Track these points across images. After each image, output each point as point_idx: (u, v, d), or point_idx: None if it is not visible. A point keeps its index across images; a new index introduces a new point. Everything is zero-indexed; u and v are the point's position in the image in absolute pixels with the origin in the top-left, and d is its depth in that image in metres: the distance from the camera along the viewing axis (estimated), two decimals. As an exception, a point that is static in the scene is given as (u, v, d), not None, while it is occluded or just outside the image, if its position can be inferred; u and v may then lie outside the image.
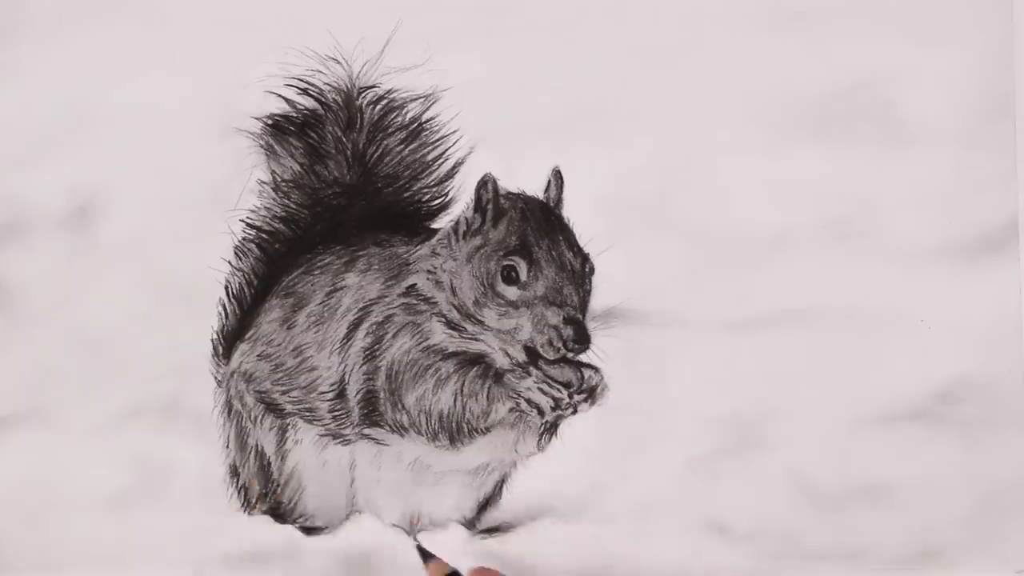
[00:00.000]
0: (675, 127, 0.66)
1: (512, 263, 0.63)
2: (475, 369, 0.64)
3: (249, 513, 0.67)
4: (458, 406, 0.64)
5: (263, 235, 0.67)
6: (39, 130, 0.67)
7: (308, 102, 0.66)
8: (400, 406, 0.65)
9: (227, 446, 0.67)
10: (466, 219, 0.64)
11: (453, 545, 0.66)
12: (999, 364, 0.66)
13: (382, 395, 0.65)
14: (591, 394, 0.64)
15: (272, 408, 0.66)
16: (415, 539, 0.60)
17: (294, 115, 0.67)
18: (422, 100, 0.67)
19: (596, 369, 0.64)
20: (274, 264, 0.67)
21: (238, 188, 0.67)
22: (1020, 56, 0.67)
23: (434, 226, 0.67)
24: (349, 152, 0.67)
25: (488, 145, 0.67)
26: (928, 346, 0.66)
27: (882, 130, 0.66)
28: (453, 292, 0.64)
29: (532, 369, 0.64)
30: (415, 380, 0.64)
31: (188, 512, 0.66)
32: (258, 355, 0.67)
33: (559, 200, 0.65)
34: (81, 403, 0.67)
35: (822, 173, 0.66)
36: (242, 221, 0.67)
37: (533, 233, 0.63)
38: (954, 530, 0.65)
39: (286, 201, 0.67)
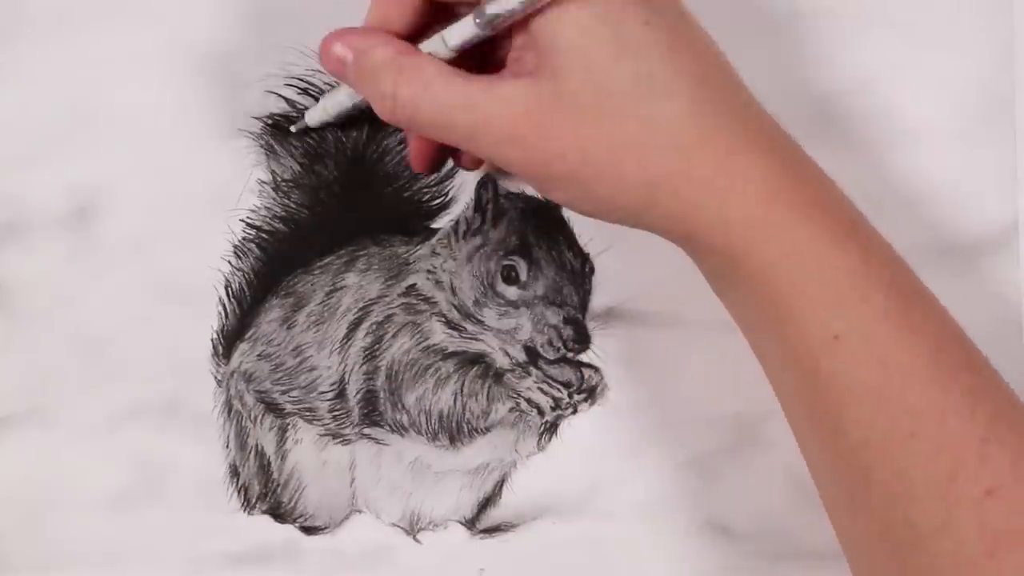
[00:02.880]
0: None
1: (512, 263, 0.63)
2: (475, 369, 0.64)
3: (249, 513, 0.67)
4: (458, 406, 0.64)
5: (263, 235, 0.67)
6: (39, 130, 0.67)
7: (308, 102, 0.67)
8: (400, 406, 0.65)
9: (227, 446, 0.67)
10: (466, 219, 0.64)
11: (453, 545, 0.66)
12: (999, 364, 0.66)
13: (382, 395, 0.65)
14: (591, 394, 0.64)
15: (272, 408, 0.66)
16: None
17: (294, 115, 0.67)
18: (422, 100, 0.67)
19: (596, 369, 0.64)
20: (274, 264, 0.67)
21: (238, 188, 0.67)
22: (1020, 57, 0.67)
23: (434, 226, 0.67)
24: (349, 152, 0.67)
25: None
26: (928, 346, 0.66)
27: (882, 130, 0.66)
28: (453, 292, 0.64)
29: (532, 369, 0.64)
30: (415, 380, 0.64)
31: (188, 512, 0.66)
32: (258, 355, 0.67)
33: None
34: (81, 403, 0.67)
35: (822, 173, 0.66)
36: (242, 221, 0.67)
37: (533, 233, 0.63)
38: (954, 530, 0.65)
39: (286, 201, 0.67)
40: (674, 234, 0.52)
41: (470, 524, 0.67)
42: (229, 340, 0.67)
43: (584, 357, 0.64)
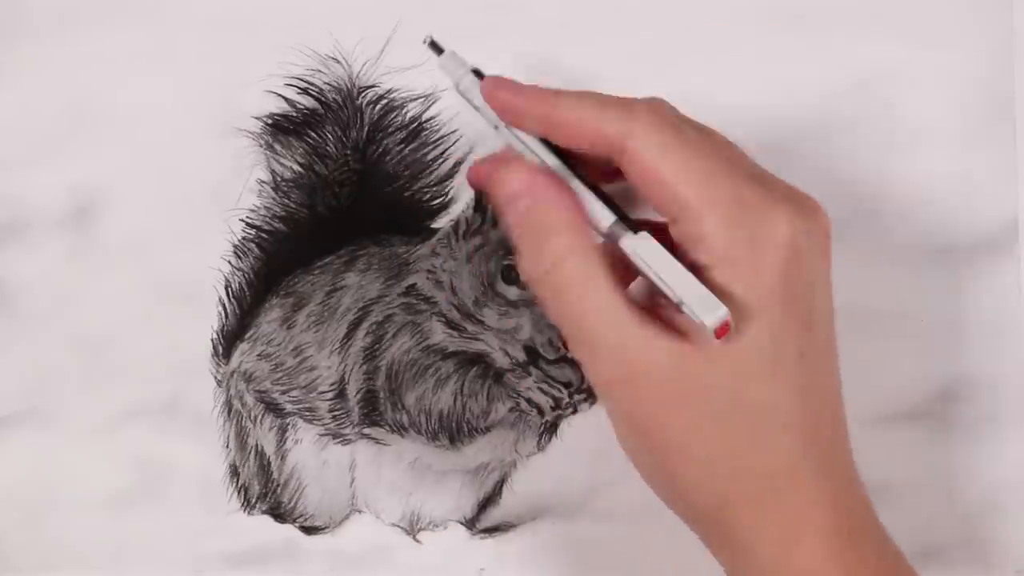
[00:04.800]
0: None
1: (512, 263, 0.63)
2: (475, 369, 0.64)
3: (249, 513, 0.67)
4: (458, 406, 0.64)
5: (263, 235, 0.67)
6: (39, 130, 0.67)
7: (308, 102, 0.67)
8: (400, 406, 0.65)
9: (227, 446, 0.67)
10: (466, 218, 0.64)
11: (453, 545, 0.66)
12: (999, 364, 0.66)
13: (382, 395, 0.65)
14: (591, 394, 0.64)
15: (272, 408, 0.66)
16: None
17: (294, 115, 0.67)
18: (422, 100, 0.67)
19: (596, 369, 0.64)
20: (274, 264, 0.67)
21: (238, 188, 0.67)
22: (1020, 56, 0.67)
23: (434, 226, 0.67)
24: (349, 152, 0.67)
25: (488, 145, 0.67)
26: (928, 346, 0.66)
27: (882, 130, 0.66)
28: (453, 292, 0.64)
29: (532, 369, 0.64)
30: (415, 380, 0.64)
31: (188, 512, 0.66)
32: (258, 355, 0.67)
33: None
34: (81, 403, 0.67)
35: (822, 173, 0.66)
36: (242, 221, 0.67)
37: (533, 233, 0.63)
38: (954, 530, 0.65)
39: (286, 201, 0.67)
40: (718, 554, 0.51)
41: (470, 524, 0.67)
42: (229, 340, 0.67)
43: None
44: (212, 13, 0.67)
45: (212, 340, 0.67)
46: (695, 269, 0.48)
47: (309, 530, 0.66)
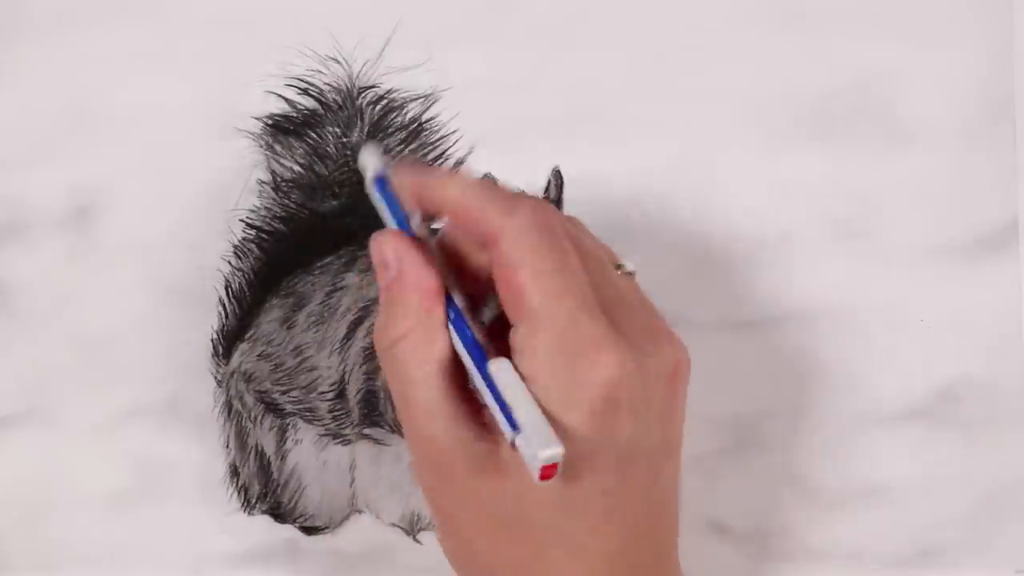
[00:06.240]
0: (675, 127, 0.66)
1: (512, 263, 0.63)
2: (475, 369, 0.64)
3: (249, 513, 0.67)
4: (458, 406, 0.64)
5: (263, 235, 0.67)
6: (39, 130, 0.67)
7: (308, 102, 0.67)
8: (400, 406, 0.64)
9: (227, 446, 0.67)
10: (466, 219, 0.64)
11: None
12: (999, 364, 0.66)
13: (382, 395, 0.65)
14: (591, 394, 0.64)
15: (272, 408, 0.66)
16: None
17: (294, 115, 0.67)
18: (422, 100, 0.67)
19: (596, 369, 0.64)
20: (274, 264, 0.67)
21: (238, 188, 0.67)
22: (1020, 56, 0.67)
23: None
24: (349, 152, 0.67)
25: (488, 145, 0.67)
26: (928, 346, 0.66)
27: (882, 130, 0.66)
28: (453, 292, 0.64)
29: (532, 369, 0.64)
30: (415, 380, 0.64)
31: (188, 512, 0.66)
32: (258, 355, 0.67)
33: (559, 200, 0.65)
34: (81, 403, 0.67)
35: (822, 173, 0.66)
36: (242, 221, 0.67)
37: (533, 232, 0.63)
38: (954, 530, 0.65)
39: (286, 201, 0.67)
40: None
41: (470, 524, 0.66)
42: (229, 340, 0.67)
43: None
44: (212, 13, 0.67)
45: (212, 340, 0.67)
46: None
47: (309, 530, 0.66)
